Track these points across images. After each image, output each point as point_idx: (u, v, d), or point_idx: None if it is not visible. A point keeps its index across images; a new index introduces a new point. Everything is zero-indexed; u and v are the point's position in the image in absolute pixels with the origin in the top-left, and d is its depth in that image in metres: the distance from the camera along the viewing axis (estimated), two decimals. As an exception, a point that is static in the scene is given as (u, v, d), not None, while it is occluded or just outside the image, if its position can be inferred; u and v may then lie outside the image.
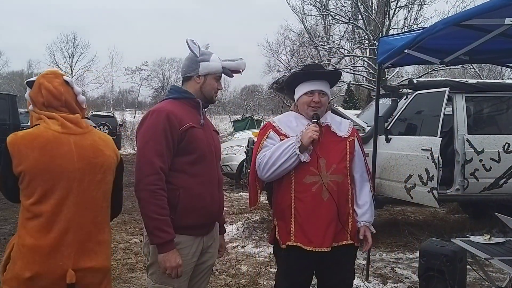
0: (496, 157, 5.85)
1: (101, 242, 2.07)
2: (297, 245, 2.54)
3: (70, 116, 2.06)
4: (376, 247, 5.69)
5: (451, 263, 3.66)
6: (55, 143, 1.97)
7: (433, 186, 5.00)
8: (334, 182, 2.55)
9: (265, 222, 7.03)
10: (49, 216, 1.93)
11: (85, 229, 2.01)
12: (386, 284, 4.58)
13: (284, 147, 2.54)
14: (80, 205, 2.00)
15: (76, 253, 1.96)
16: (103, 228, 2.10)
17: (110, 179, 2.13)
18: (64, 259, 1.93)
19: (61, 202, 1.95)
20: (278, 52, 30.96)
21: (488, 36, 3.10)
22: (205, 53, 2.45)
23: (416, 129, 5.95)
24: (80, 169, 2.00)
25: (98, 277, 2.06)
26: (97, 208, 2.06)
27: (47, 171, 1.94)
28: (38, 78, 2.10)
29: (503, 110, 6.48)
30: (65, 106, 2.08)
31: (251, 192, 2.74)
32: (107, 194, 2.12)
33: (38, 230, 1.92)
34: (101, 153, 2.10)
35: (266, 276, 4.69)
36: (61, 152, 1.97)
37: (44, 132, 1.98)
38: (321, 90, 2.63)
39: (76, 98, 2.14)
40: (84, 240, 2.00)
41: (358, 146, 2.72)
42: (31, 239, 1.92)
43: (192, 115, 2.40)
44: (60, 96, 2.06)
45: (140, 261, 5.09)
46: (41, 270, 1.89)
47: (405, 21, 22.12)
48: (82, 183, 2.01)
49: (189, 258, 2.35)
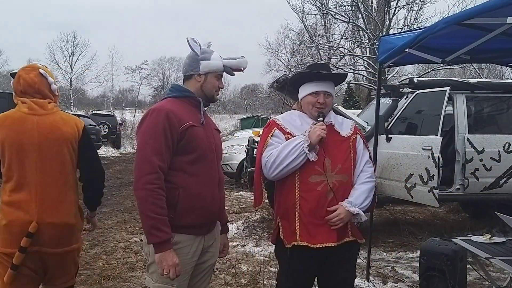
0: (497, 156, 5.84)
1: (62, 201, 2.53)
2: (303, 245, 2.52)
3: (39, 100, 2.56)
4: (376, 246, 5.69)
5: (452, 263, 3.65)
6: (20, 122, 2.49)
7: (433, 186, 4.99)
8: (339, 181, 2.54)
9: (265, 221, 7.03)
10: (18, 179, 2.46)
11: (47, 191, 2.48)
12: (386, 284, 4.57)
13: (292, 145, 2.52)
14: (42, 171, 2.48)
15: (39, 210, 2.45)
16: (65, 191, 2.55)
17: (67, 151, 2.57)
18: (30, 213, 2.43)
19: (26, 168, 2.46)
20: (278, 51, 31.01)
21: (489, 35, 3.09)
22: (206, 52, 2.44)
23: (417, 129, 5.93)
24: (39, 143, 2.49)
25: (58, 231, 2.49)
26: (56, 174, 2.52)
27: (14, 144, 2.46)
28: (18, 71, 2.61)
29: (503, 110, 6.46)
30: (38, 93, 2.57)
31: (256, 191, 2.71)
32: (65, 163, 2.56)
33: (11, 190, 2.47)
34: (58, 130, 2.55)
35: (266, 275, 4.68)
36: (24, 129, 2.48)
37: (13, 113, 2.53)
38: (326, 91, 2.62)
39: (50, 87, 2.63)
40: (46, 199, 2.47)
41: (361, 142, 2.70)
42: (6, 197, 2.48)
43: (192, 114, 2.39)
44: (34, 85, 2.56)
45: (140, 260, 5.09)
46: (13, 219, 2.43)
47: (405, 20, 22.12)
48: (41, 153, 2.49)
49: (189, 257, 2.34)
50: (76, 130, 2.61)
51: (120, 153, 21.79)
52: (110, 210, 8.15)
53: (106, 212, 7.94)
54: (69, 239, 2.56)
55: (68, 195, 2.56)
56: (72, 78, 46.46)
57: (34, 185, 2.46)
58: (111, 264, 4.97)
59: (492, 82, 7.00)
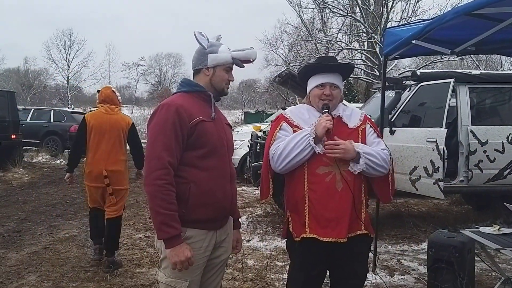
0: (500, 148, 5.84)
1: (118, 160, 4.77)
2: (312, 237, 2.50)
3: (111, 106, 4.87)
4: (381, 239, 5.69)
5: (460, 254, 3.65)
6: (101, 117, 4.79)
7: (438, 178, 4.99)
8: (347, 172, 2.51)
9: (268, 216, 7.01)
10: (95, 147, 4.71)
11: (111, 154, 4.72)
12: (393, 276, 4.57)
13: (298, 138, 2.51)
14: (109, 144, 4.72)
15: (106, 163, 4.69)
16: (119, 154, 4.80)
17: (122, 134, 4.82)
18: (101, 165, 4.67)
19: (101, 142, 4.72)
20: (276, 46, 30.90)
21: (501, 25, 3.07)
22: (214, 45, 2.41)
23: (420, 121, 5.93)
24: (109, 129, 4.74)
25: (117, 175, 4.76)
26: (116, 145, 4.77)
27: (97, 129, 4.73)
28: (101, 89, 5.00)
29: (506, 101, 6.46)
30: (111, 102, 4.88)
31: (263, 184, 2.70)
32: (121, 141, 4.81)
33: (92, 154, 4.73)
34: (118, 123, 4.82)
35: (273, 269, 4.68)
36: (103, 121, 4.76)
37: (98, 112, 4.86)
38: (332, 83, 2.60)
39: (117, 98, 4.95)
40: (110, 158, 4.71)
41: (371, 131, 2.66)
42: (89, 158, 4.75)
43: (203, 109, 2.36)
44: (108, 97, 4.88)
45: (146, 257, 5.08)
46: (92, 169, 4.72)
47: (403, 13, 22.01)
48: (110, 135, 4.74)
49: (201, 252, 2.32)
50: (126, 123, 4.87)
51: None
52: (112, 207, 8.11)
53: (108, 209, 7.91)
54: (122, 181, 4.82)
55: (120, 156, 4.79)
56: (69, 75, 46.19)
57: (105, 151, 4.68)
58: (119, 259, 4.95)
59: (495, 73, 6.99)
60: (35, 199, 8.85)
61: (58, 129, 16.07)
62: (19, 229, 6.43)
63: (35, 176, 11.84)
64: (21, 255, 5.21)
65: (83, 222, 6.74)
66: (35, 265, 4.85)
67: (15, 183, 10.75)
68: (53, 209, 7.94)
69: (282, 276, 4.38)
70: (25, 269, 4.74)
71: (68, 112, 18.18)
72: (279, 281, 4.31)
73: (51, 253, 5.26)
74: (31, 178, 11.60)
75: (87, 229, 5.51)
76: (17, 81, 49.53)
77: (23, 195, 9.28)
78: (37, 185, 10.56)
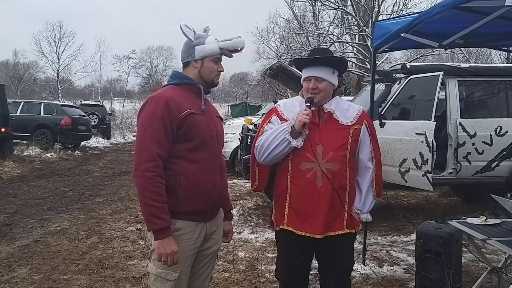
0: (489, 140, 5.92)
1: None
2: (289, 229, 2.58)
3: None
4: (371, 231, 5.75)
5: (448, 245, 3.70)
6: None
7: (427, 170, 5.04)
8: (329, 170, 2.50)
9: (259, 209, 7.06)
10: None
11: None
12: (382, 267, 4.63)
13: (277, 132, 2.55)
14: None
15: None
16: None
17: None
18: None
19: None
20: (267, 39, 30.84)
21: (488, 18, 3.10)
22: (201, 36, 2.41)
23: (410, 114, 5.98)
24: None
25: None
26: None
27: None
28: None
29: (495, 94, 6.53)
30: None
31: (250, 174, 2.80)
32: None
33: None
34: None
35: (263, 261, 4.72)
36: None
37: None
38: (317, 76, 2.57)
39: None
40: None
41: (365, 133, 2.63)
42: None
43: (192, 101, 2.37)
44: None
45: (137, 249, 5.10)
46: None
47: (394, 6, 22.05)
48: None
49: (191, 243, 2.34)
50: None
51: (111, 143, 21.61)
52: (104, 200, 8.12)
53: (100, 202, 7.91)
54: None
55: None
56: (59, 68, 45.81)
57: None
58: (109, 253, 4.97)
59: (484, 66, 7.05)
60: (25, 192, 8.81)
61: (49, 122, 15.94)
62: (9, 223, 6.41)
63: (25, 170, 11.77)
64: (11, 248, 5.20)
65: (74, 215, 6.73)
66: (26, 258, 4.84)
67: (5, 176, 10.68)
68: (44, 202, 7.91)
69: (272, 268, 4.41)
70: (16, 262, 4.73)
71: (59, 105, 18.03)
72: (270, 272, 4.35)
73: (42, 246, 5.26)
74: (21, 171, 11.52)
75: (78, 222, 5.50)
76: (6, 74, 49.01)
77: (14, 188, 9.23)
78: (27, 179, 10.51)
